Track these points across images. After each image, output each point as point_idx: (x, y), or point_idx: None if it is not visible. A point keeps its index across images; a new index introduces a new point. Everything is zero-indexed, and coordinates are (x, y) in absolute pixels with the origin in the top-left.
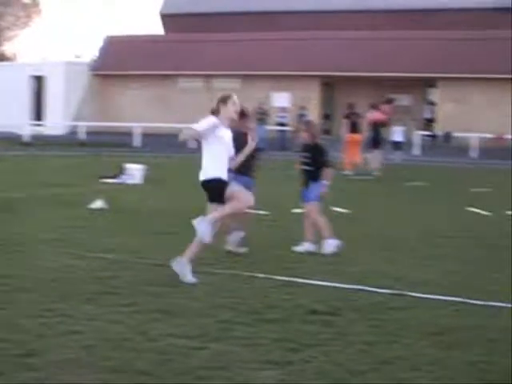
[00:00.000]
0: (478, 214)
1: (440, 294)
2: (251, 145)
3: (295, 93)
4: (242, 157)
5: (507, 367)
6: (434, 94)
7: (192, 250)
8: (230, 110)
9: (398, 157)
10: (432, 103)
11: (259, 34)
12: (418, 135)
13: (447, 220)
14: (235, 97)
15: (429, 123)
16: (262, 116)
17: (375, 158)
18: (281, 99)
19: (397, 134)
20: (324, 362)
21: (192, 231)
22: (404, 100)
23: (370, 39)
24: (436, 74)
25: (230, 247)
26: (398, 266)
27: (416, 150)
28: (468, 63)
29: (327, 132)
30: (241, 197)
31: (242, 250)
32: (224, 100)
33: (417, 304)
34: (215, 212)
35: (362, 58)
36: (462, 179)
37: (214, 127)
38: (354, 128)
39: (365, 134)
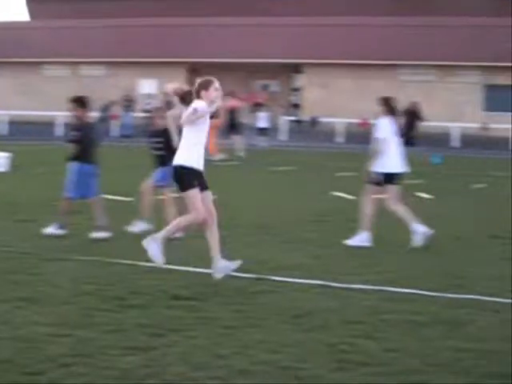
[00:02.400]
0: (344, 198)
1: (302, 278)
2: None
3: (162, 79)
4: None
5: (368, 348)
6: (301, 80)
7: (180, 224)
8: (213, 95)
9: (262, 142)
10: (296, 89)
11: (125, 20)
12: (285, 120)
13: (313, 204)
14: (217, 82)
15: (295, 108)
16: (129, 103)
17: (237, 144)
18: (147, 86)
19: (262, 120)
20: (187, 346)
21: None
22: (272, 86)
23: (236, 26)
24: (302, 60)
25: (93, 234)
26: (263, 251)
27: (282, 136)
28: (334, 49)
29: None
30: (196, 209)
31: (105, 234)
32: (205, 86)
33: (279, 288)
34: (167, 229)
35: (228, 44)
36: (328, 164)
37: (206, 113)
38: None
39: (222, 120)
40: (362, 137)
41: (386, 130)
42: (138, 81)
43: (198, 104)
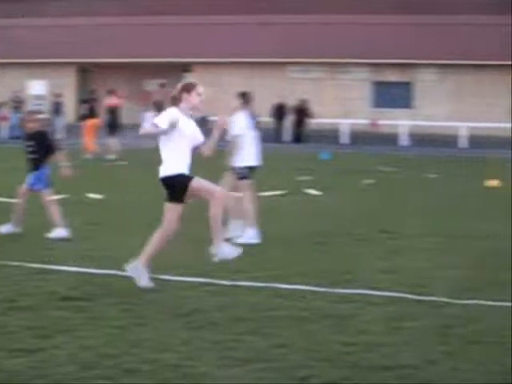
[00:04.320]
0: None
1: (190, 276)
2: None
3: (51, 80)
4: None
5: (255, 345)
6: (190, 79)
7: (148, 252)
8: (195, 99)
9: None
10: None
11: (12, 20)
12: None
13: (201, 202)
14: (201, 86)
15: None
16: (18, 104)
17: (114, 143)
18: (37, 87)
19: (148, 119)
20: (75, 347)
21: None
22: (168, 85)
23: (124, 25)
24: (191, 59)
25: None
26: None
27: None
28: (222, 47)
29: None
30: (169, 223)
31: None
32: (188, 89)
33: (167, 287)
34: (145, 254)
35: (118, 44)
36: (217, 162)
37: (175, 123)
38: (92, 113)
39: (102, 118)
40: None
41: (242, 124)
42: (27, 82)
43: (164, 116)
